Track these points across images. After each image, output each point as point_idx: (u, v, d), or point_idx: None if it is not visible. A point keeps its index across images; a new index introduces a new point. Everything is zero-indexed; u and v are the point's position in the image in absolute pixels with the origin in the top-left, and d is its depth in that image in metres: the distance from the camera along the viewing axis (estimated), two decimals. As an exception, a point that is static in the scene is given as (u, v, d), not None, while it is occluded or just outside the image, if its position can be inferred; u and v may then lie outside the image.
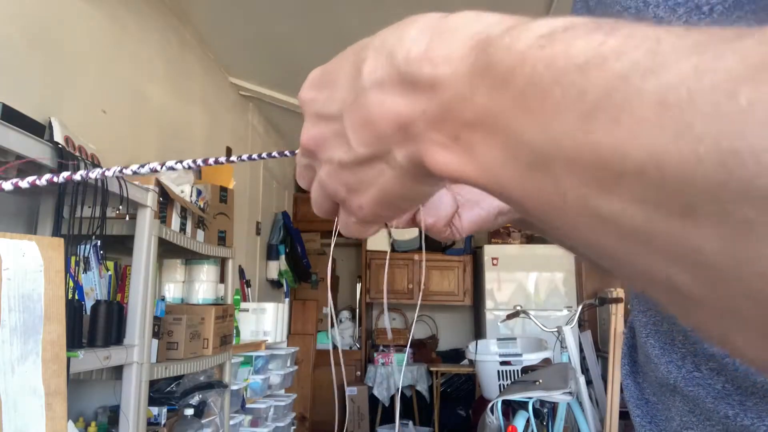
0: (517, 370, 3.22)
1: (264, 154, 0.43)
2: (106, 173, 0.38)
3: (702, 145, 0.15)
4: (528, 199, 0.21)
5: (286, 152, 0.42)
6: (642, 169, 0.16)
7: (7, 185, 0.36)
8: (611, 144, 0.17)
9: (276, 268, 4.45)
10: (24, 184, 0.36)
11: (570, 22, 0.20)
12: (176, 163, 0.39)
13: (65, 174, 0.37)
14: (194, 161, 0.40)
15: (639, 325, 0.43)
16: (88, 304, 1.55)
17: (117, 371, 1.56)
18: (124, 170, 0.37)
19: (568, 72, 0.18)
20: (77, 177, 0.38)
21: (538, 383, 2.66)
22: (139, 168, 0.37)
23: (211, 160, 0.40)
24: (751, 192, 0.14)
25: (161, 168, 0.39)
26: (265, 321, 3.10)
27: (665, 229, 0.16)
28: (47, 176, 0.37)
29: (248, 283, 3.68)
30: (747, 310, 0.16)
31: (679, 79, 0.16)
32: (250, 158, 0.42)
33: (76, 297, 1.56)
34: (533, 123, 0.19)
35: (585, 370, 4.07)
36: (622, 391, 2.70)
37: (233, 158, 0.40)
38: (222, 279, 2.41)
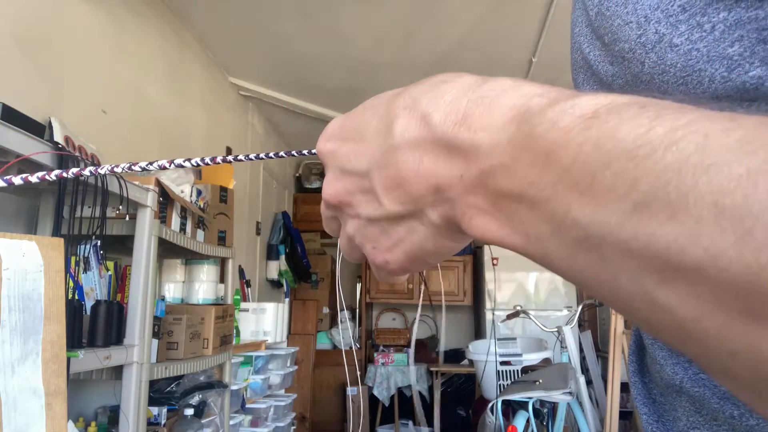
0: (517, 370, 3.22)
1: (272, 154, 0.43)
2: (99, 170, 0.38)
3: (764, 254, 0.15)
4: (576, 272, 0.22)
5: (293, 152, 0.42)
6: (701, 267, 0.16)
7: (17, 180, 0.36)
8: (668, 237, 0.17)
9: (276, 268, 4.45)
10: (17, 180, 0.36)
11: (613, 101, 0.21)
12: (185, 161, 0.39)
13: (57, 172, 0.37)
14: (202, 159, 0.40)
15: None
16: (88, 304, 1.55)
17: (117, 371, 1.56)
18: (115, 168, 0.37)
19: (618, 158, 0.19)
20: (70, 174, 0.38)
21: (538, 383, 2.66)
22: (130, 166, 0.37)
23: (219, 159, 0.40)
24: None
25: (170, 165, 0.39)
26: (265, 321, 3.10)
27: (724, 325, 0.16)
28: (39, 174, 0.37)
29: (248, 283, 3.68)
30: None
31: (733, 183, 0.16)
32: (258, 157, 0.42)
33: (76, 297, 1.56)
34: (581, 203, 0.20)
35: (585, 370, 4.07)
36: (622, 391, 2.70)
37: (241, 157, 0.40)
38: (222, 279, 2.41)
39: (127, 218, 1.68)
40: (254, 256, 4.12)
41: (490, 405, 2.73)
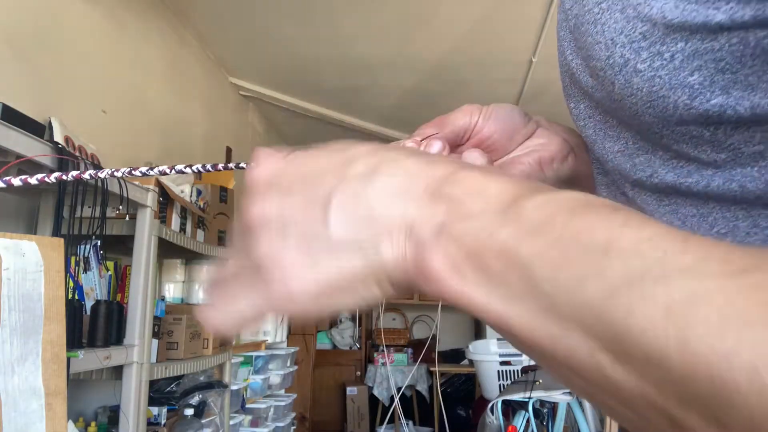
0: (517, 370, 3.22)
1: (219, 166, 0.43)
2: (99, 174, 0.38)
3: (698, 356, 0.18)
4: (535, 347, 0.23)
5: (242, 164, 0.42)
6: (648, 359, 0.19)
7: (16, 181, 0.36)
8: (625, 327, 0.20)
9: (276, 268, 4.45)
10: (16, 181, 0.36)
11: (586, 201, 0.23)
12: (186, 167, 0.39)
13: (56, 174, 0.38)
14: (203, 165, 0.40)
15: None
16: (88, 304, 1.55)
17: (117, 371, 1.56)
18: (115, 172, 0.37)
19: (595, 251, 0.21)
20: (69, 177, 0.38)
21: (538, 383, 2.66)
22: (131, 171, 0.37)
23: (220, 166, 0.40)
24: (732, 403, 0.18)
25: (170, 171, 0.39)
26: (265, 321, 3.10)
27: (665, 408, 0.19)
28: (38, 176, 0.37)
29: (248, 283, 3.68)
30: None
31: (681, 296, 0.19)
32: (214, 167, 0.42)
33: (76, 297, 1.56)
34: (557, 280, 0.22)
35: (585, 370, 4.07)
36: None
37: (242, 164, 0.40)
38: (222, 279, 2.40)
39: (127, 218, 1.68)
40: (254, 256, 4.11)
41: (490, 405, 2.73)
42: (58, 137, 1.58)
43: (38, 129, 1.50)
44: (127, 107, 2.34)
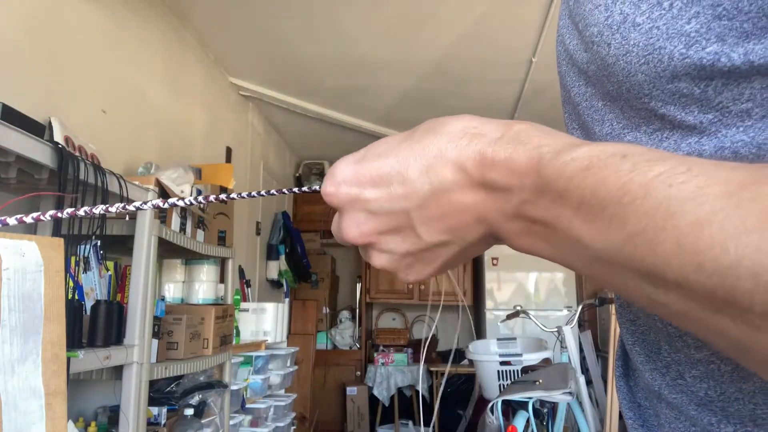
0: (517, 370, 3.21)
1: (274, 191, 0.46)
2: (95, 210, 0.38)
3: (713, 278, 0.22)
4: (595, 278, 0.29)
5: (295, 189, 0.45)
6: (678, 283, 0.23)
7: (11, 220, 0.37)
8: (653, 262, 0.24)
9: (276, 268, 4.45)
10: (29, 219, 0.37)
11: (602, 152, 0.27)
12: (178, 200, 0.39)
13: (69, 210, 0.38)
14: (196, 198, 0.40)
15: (626, 333, 0.43)
16: (88, 304, 1.55)
17: (117, 371, 1.56)
18: (109, 208, 0.37)
19: (611, 202, 0.25)
20: (81, 213, 0.38)
21: (538, 383, 2.66)
22: (141, 204, 0.37)
23: (212, 197, 0.40)
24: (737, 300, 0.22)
25: (164, 204, 0.39)
26: (265, 321, 3.10)
27: (701, 318, 0.24)
28: (51, 212, 0.37)
29: (248, 283, 3.68)
30: None
31: (687, 224, 0.23)
32: (258, 194, 0.44)
33: (76, 297, 1.56)
34: (590, 233, 0.27)
35: (585, 370, 4.07)
36: (622, 391, 2.69)
37: (234, 195, 0.41)
38: (222, 279, 2.41)
39: (127, 218, 1.68)
40: (254, 256, 4.11)
41: (490, 405, 2.73)
42: (58, 137, 1.58)
43: (38, 129, 1.50)
44: (127, 107, 2.34)
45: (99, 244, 1.63)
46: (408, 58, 3.23)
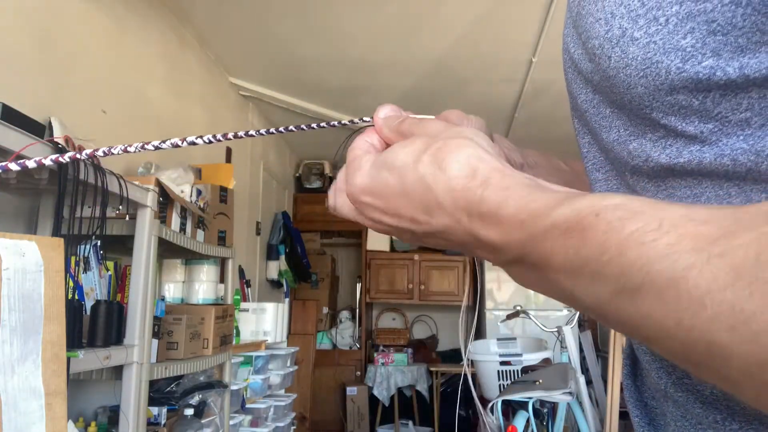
0: (517, 370, 3.21)
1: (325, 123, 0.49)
2: (96, 153, 0.38)
3: (692, 330, 0.23)
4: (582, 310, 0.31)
5: (356, 119, 0.46)
6: (656, 339, 0.25)
7: (14, 166, 0.37)
8: (637, 314, 0.25)
9: (276, 268, 4.45)
10: (14, 166, 0.37)
11: (577, 213, 0.28)
12: (211, 138, 0.39)
13: (53, 156, 0.38)
14: (224, 135, 0.40)
15: None
16: (88, 304, 1.55)
17: (117, 371, 1.56)
18: (128, 148, 0.37)
19: (592, 260, 0.27)
20: (65, 159, 0.38)
21: (538, 383, 2.66)
22: (139, 146, 0.37)
23: (241, 133, 0.40)
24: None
25: (182, 143, 0.40)
26: (265, 321, 3.10)
27: (688, 367, 0.25)
28: (36, 158, 0.37)
29: (248, 283, 3.68)
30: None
31: (663, 281, 0.24)
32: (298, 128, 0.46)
33: (76, 297, 1.56)
34: (578, 288, 0.28)
35: (585, 370, 4.07)
36: (622, 390, 2.69)
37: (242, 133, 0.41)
38: (222, 279, 2.41)
39: (127, 218, 1.68)
40: (254, 256, 4.11)
41: (490, 405, 2.73)
42: (58, 137, 1.58)
43: (38, 129, 1.50)
44: (127, 107, 2.34)
45: (99, 244, 1.63)
46: (408, 58, 3.23)
